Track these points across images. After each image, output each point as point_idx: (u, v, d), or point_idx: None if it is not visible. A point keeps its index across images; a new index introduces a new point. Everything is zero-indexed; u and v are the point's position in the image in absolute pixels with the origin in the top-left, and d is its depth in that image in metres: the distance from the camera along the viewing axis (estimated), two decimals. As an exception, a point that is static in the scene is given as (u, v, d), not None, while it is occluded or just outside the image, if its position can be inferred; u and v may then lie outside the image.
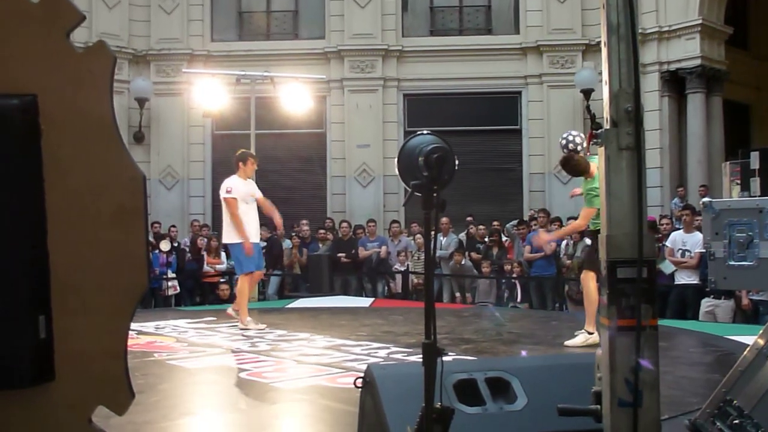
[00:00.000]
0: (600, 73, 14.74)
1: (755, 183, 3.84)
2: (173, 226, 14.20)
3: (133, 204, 2.37)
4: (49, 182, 2.36)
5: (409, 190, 2.43)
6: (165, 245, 12.30)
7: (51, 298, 2.38)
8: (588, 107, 15.13)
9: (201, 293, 13.04)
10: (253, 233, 8.69)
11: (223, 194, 8.54)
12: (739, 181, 3.98)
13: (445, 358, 2.69)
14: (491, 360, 5.47)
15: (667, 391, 5.47)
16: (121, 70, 15.82)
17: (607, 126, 2.66)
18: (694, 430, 3.73)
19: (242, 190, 8.58)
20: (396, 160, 2.53)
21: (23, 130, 2.34)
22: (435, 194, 2.31)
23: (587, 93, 15.06)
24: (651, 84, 14.79)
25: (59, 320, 2.39)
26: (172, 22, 16.24)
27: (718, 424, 3.66)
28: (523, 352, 6.96)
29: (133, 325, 8.66)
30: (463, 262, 12.44)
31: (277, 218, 9.22)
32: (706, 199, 3.78)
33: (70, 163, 2.36)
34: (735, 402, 3.71)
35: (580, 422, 2.93)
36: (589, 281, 7.10)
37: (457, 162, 2.46)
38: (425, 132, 2.56)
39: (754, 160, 3.88)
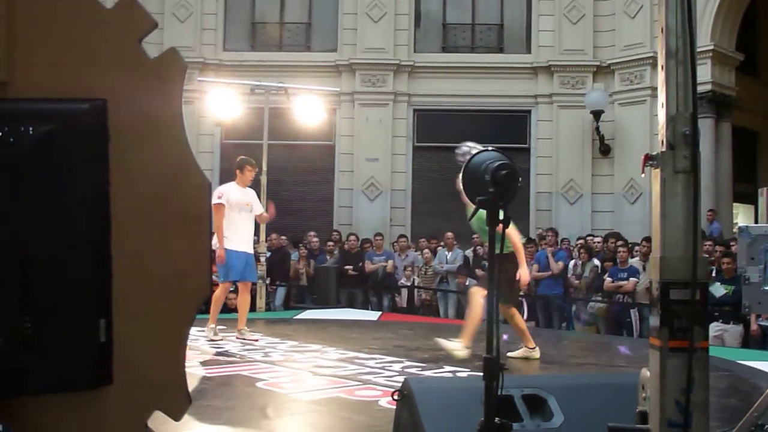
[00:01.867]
0: (610, 95, 14.97)
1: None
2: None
3: (197, 211, 2.39)
4: (116, 188, 2.37)
5: (474, 205, 2.44)
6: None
7: (112, 302, 2.38)
8: (597, 128, 15.20)
9: (208, 302, 13.00)
10: (243, 243, 8.56)
11: (213, 199, 8.50)
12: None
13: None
14: (527, 377, 5.48)
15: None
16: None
17: (662, 148, 2.68)
18: (725, 453, 3.75)
19: (235, 197, 8.48)
20: (461, 175, 2.55)
21: (92, 134, 2.36)
22: (502, 210, 2.33)
23: (597, 114, 15.13)
24: (660, 107, 14.84)
25: (119, 325, 2.39)
26: (185, 30, 16.31)
27: (749, 447, 3.68)
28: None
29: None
30: (467, 283, 12.44)
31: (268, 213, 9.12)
32: (742, 224, 3.81)
33: (138, 169, 2.38)
34: (767, 426, 3.74)
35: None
36: (512, 310, 7.49)
37: (520, 179, 2.49)
38: (489, 148, 2.58)
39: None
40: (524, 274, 7.54)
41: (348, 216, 16.14)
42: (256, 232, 12.68)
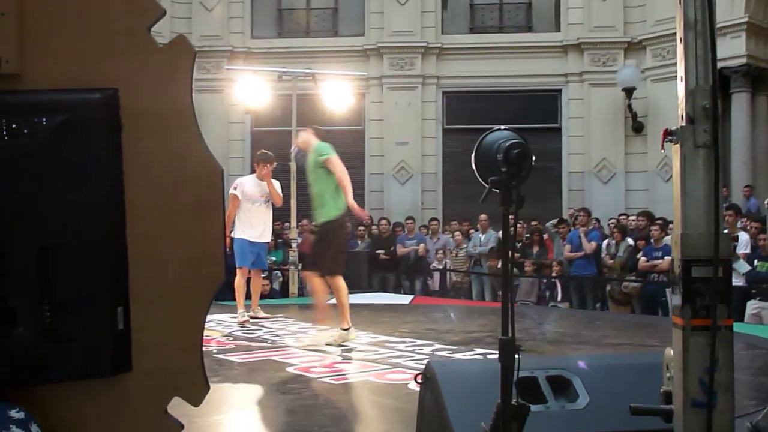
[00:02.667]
0: (643, 72, 14.74)
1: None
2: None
3: (211, 198, 2.40)
4: (129, 176, 2.39)
5: (486, 186, 2.41)
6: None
7: (129, 290, 2.41)
8: (629, 106, 14.99)
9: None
10: (257, 234, 8.82)
11: (230, 190, 8.76)
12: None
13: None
14: (551, 358, 5.44)
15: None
16: (162, 67, 15.98)
17: (682, 123, 2.62)
18: (756, 433, 3.69)
19: (250, 189, 8.73)
20: (473, 155, 2.53)
21: (105, 123, 2.37)
22: (515, 190, 2.30)
23: (629, 91, 14.91)
24: (694, 83, 14.59)
25: (137, 312, 2.42)
26: (213, 19, 16.37)
27: (780, 427, 3.61)
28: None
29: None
30: (499, 265, 12.40)
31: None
32: (770, 200, 3.73)
33: (150, 156, 2.39)
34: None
35: (645, 422, 2.90)
36: (338, 281, 7.33)
37: (534, 158, 2.45)
38: (502, 128, 2.54)
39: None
40: (355, 207, 7.62)
41: (379, 200, 16.14)
42: (288, 219, 12.79)
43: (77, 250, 2.38)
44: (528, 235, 12.67)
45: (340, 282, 7.32)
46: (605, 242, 11.78)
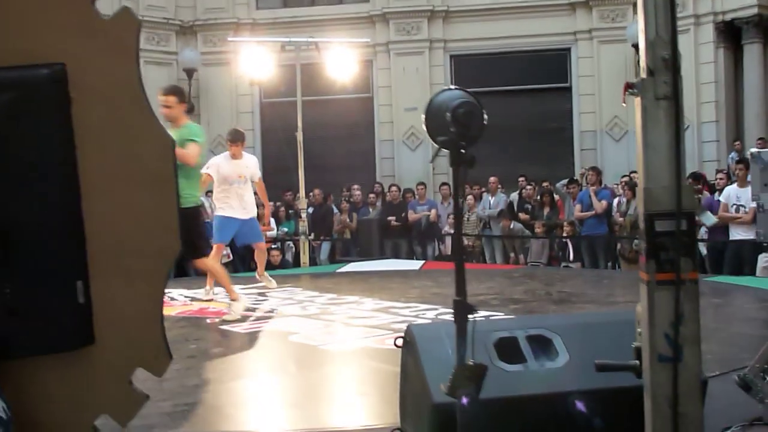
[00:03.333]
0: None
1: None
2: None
3: (163, 169, 2.40)
4: (81, 149, 2.39)
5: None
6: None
7: (88, 263, 2.42)
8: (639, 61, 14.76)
9: (253, 260, 13.16)
10: (237, 210, 8.56)
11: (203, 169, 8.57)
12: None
13: (488, 317, 2.67)
14: (532, 318, 5.44)
15: (720, 347, 5.40)
16: (169, 41, 15.99)
17: (643, 75, 2.58)
18: (743, 385, 3.67)
19: (225, 170, 8.49)
20: (423, 116, 2.50)
21: (54, 99, 2.38)
22: (463, 150, 2.27)
23: (639, 47, 14.66)
24: (706, 35, 14.36)
25: (97, 285, 2.43)
26: (218, -9, 16.30)
27: (767, 378, 3.59)
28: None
29: (186, 292, 8.89)
30: (512, 226, 12.36)
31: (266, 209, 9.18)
32: (753, 150, 3.67)
33: (101, 130, 2.39)
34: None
35: (623, 378, 2.89)
36: (207, 262, 7.34)
37: (486, 117, 2.42)
38: (453, 87, 2.51)
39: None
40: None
41: (390, 167, 16.09)
42: (296, 189, 12.81)
43: (34, 227, 2.40)
44: (538, 196, 12.60)
45: (208, 262, 7.38)
46: (616, 200, 11.68)
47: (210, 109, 16.23)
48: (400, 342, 3.47)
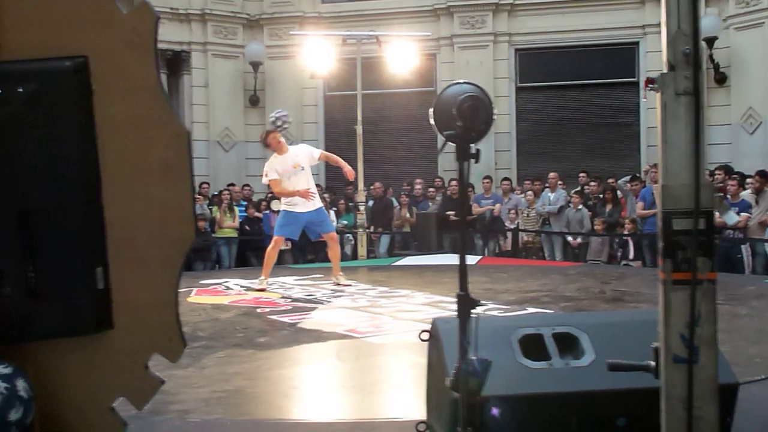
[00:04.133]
0: (724, 20, 14.09)
1: None
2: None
3: (178, 159, 2.46)
4: (101, 140, 2.46)
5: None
6: (276, 205, 12.61)
7: (107, 250, 2.50)
8: (710, 56, 14.33)
9: (313, 251, 13.32)
10: (297, 204, 8.68)
11: (263, 180, 9.03)
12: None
13: (515, 314, 2.66)
14: (560, 315, 5.36)
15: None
16: (236, 35, 16.23)
17: (664, 70, 2.52)
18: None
19: (281, 167, 8.63)
20: (431, 110, 2.50)
21: (76, 90, 2.45)
22: (471, 144, 2.26)
23: (710, 41, 14.24)
24: None
25: (115, 272, 2.51)
26: (284, -15, 16.47)
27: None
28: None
29: (242, 282, 9.04)
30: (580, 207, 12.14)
31: (346, 168, 9.16)
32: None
33: (120, 120, 2.46)
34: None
35: (648, 379, 2.84)
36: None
37: (495, 111, 2.40)
38: (462, 81, 2.50)
39: None
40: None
41: (452, 162, 16.00)
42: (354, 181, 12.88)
43: (57, 213, 2.49)
44: (600, 194, 12.38)
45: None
46: (679, 199, 11.38)
47: (275, 102, 16.39)
48: (425, 336, 3.48)
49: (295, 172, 8.63)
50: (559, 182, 12.95)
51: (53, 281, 2.48)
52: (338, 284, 8.81)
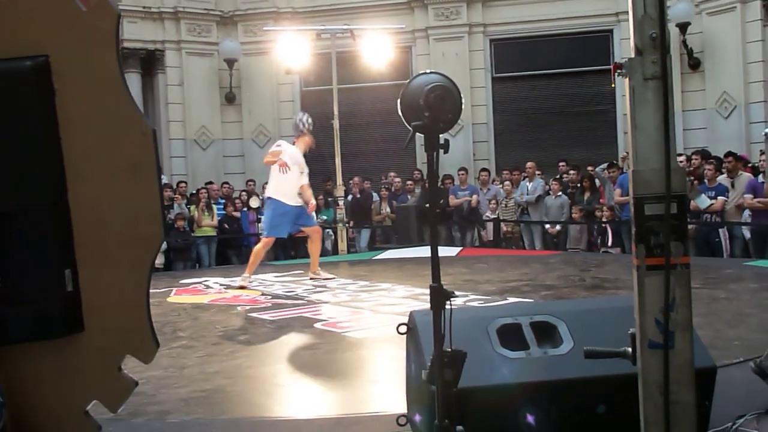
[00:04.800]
0: (697, 5, 14.14)
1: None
2: (267, 183, 14.45)
3: (145, 158, 2.42)
4: (65, 140, 2.42)
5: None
6: (254, 202, 12.57)
7: (75, 252, 2.46)
8: (684, 42, 14.41)
9: (294, 248, 13.27)
10: (290, 194, 8.88)
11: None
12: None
13: (495, 304, 2.64)
14: (538, 304, 5.37)
15: (750, 333, 5.28)
16: (210, 32, 16.12)
17: (632, 55, 2.51)
18: (759, 372, 3.58)
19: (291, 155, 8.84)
20: (399, 100, 2.47)
21: (38, 90, 2.41)
22: (439, 134, 2.25)
23: (683, 27, 14.32)
24: (753, 13, 13.92)
25: (84, 273, 2.47)
26: (257, -19, 16.37)
27: (784, 366, 3.49)
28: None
29: (222, 280, 8.99)
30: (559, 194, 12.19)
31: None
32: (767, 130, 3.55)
33: (83, 120, 2.42)
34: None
35: (626, 365, 2.83)
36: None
37: (463, 100, 2.38)
38: (429, 71, 2.48)
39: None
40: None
41: (431, 154, 15.98)
42: (332, 176, 12.88)
43: (22, 216, 2.44)
44: (579, 182, 12.41)
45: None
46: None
47: (251, 98, 16.35)
48: (403, 329, 3.46)
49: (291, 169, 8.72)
50: (537, 171, 12.98)
51: (21, 285, 2.44)
52: (316, 279, 8.83)
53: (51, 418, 2.54)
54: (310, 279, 8.89)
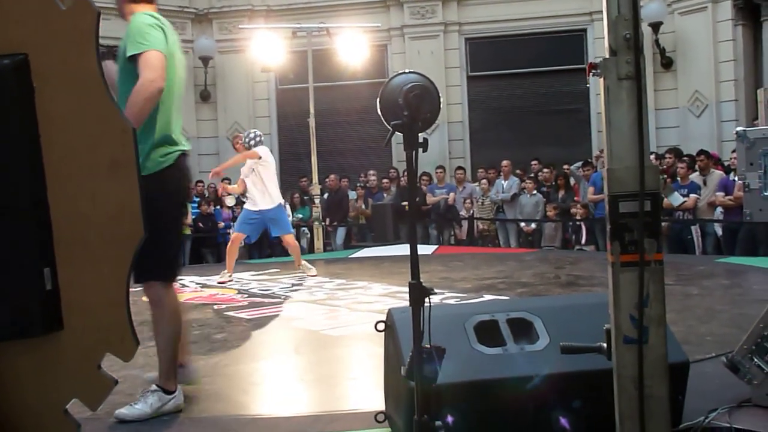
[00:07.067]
0: (669, 5, 14.29)
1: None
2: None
3: (125, 156, 2.42)
4: (45, 138, 2.42)
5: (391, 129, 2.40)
6: (230, 200, 12.52)
7: (54, 250, 2.45)
8: (657, 41, 14.57)
9: (270, 246, 13.25)
10: (258, 199, 9.05)
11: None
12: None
13: (471, 301, 2.67)
14: (514, 301, 5.42)
15: (722, 329, 5.36)
16: (185, 29, 16.03)
17: (606, 55, 2.55)
18: (731, 367, 3.64)
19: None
20: (378, 99, 2.50)
21: (17, 89, 2.40)
22: (418, 133, 2.27)
23: (656, 27, 14.48)
24: (724, 13, 14.11)
25: (64, 272, 2.47)
26: (233, -22, 16.32)
27: (755, 360, 3.56)
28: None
29: (198, 279, 8.96)
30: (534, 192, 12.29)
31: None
32: (739, 129, 3.62)
33: (63, 118, 2.42)
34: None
35: (601, 361, 2.88)
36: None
37: (441, 99, 2.41)
38: (407, 71, 2.51)
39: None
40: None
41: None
42: (308, 174, 12.88)
43: (2, 214, 2.43)
44: (554, 180, 12.51)
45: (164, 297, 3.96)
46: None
47: (226, 96, 16.30)
48: (381, 326, 3.49)
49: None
50: (518, 171, 13.07)
51: (0, 283, 2.43)
52: (305, 274, 8.89)
53: (30, 416, 2.54)
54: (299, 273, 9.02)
